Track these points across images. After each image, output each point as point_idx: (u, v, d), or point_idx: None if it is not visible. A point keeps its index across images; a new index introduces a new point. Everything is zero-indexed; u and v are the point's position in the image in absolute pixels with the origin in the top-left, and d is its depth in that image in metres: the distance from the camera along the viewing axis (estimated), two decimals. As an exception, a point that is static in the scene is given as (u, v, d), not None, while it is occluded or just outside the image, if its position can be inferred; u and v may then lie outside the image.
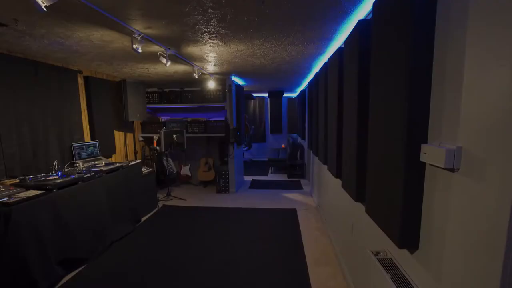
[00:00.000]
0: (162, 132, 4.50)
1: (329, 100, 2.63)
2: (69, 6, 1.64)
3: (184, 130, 4.88)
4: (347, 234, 2.39)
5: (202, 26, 2.05)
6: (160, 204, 4.50)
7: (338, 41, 2.48)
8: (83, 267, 2.68)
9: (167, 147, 4.56)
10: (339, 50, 2.20)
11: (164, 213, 4.19)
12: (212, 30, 2.13)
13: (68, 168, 3.20)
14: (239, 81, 5.17)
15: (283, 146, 8.82)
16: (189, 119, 5.27)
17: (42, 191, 2.40)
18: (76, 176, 2.77)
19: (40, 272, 2.26)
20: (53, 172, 2.89)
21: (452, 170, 0.92)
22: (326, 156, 2.88)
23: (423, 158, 1.04)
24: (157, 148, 4.80)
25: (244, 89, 6.05)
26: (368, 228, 1.74)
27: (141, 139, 5.30)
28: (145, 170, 4.12)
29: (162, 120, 5.39)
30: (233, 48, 2.71)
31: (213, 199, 4.84)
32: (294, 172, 6.65)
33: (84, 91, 3.77)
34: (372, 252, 1.45)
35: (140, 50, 2.13)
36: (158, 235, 3.41)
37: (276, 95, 7.35)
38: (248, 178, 6.32)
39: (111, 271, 2.63)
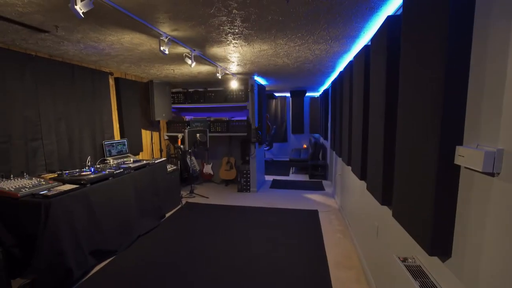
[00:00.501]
0: (186, 131, 4.62)
1: (354, 99, 2.56)
2: (103, 11, 1.74)
3: (207, 129, 4.98)
4: (371, 238, 2.31)
5: (227, 27, 2.08)
6: (184, 201, 4.63)
7: (364, 39, 2.40)
8: (112, 258, 2.84)
9: (191, 146, 4.69)
10: (366, 47, 2.13)
11: (187, 209, 4.31)
12: (236, 30, 2.15)
13: (99, 165, 3.40)
14: (261, 80, 5.18)
15: (305, 146, 8.71)
16: (212, 119, 5.38)
17: (77, 186, 2.57)
18: (107, 172, 2.94)
19: (75, 260, 2.42)
20: (87, 168, 3.09)
21: (491, 175, 0.85)
22: (350, 157, 2.81)
23: (458, 160, 0.98)
24: (181, 146, 4.95)
25: (266, 88, 6.06)
26: (395, 233, 1.67)
27: (166, 137, 5.49)
28: (170, 167, 4.26)
29: (186, 120, 5.54)
30: (256, 48, 2.72)
31: (235, 197, 4.89)
32: (316, 173, 6.54)
33: (114, 92, 3.98)
34: (399, 258, 1.39)
35: (167, 52, 2.21)
36: (181, 231, 3.51)
37: (298, 94, 7.27)
38: (269, 178, 6.31)
39: (138, 263, 2.75)
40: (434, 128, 1.03)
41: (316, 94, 8.39)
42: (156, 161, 3.82)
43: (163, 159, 4.12)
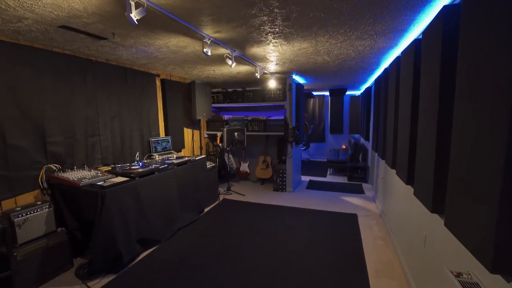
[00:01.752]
0: (225, 130, 4.76)
1: (400, 98, 2.39)
2: (153, 18, 1.87)
3: (245, 128, 5.06)
4: (417, 247, 2.14)
5: (267, 27, 2.09)
6: (221, 197, 4.79)
7: (414, 32, 2.22)
8: (156, 246, 3.05)
9: (229, 144, 4.82)
10: (416, 42, 1.97)
11: (224, 206, 4.44)
12: (277, 29, 2.16)
13: (146, 160, 3.67)
14: (299, 79, 5.11)
15: (344, 147, 8.38)
16: (249, 118, 5.46)
17: (127, 178, 2.81)
18: (153, 167, 3.16)
19: (124, 246, 2.65)
20: (135, 162, 3.36)
21: None
22: (395, 160, 2.63)
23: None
24: (220, 144, 5.11)
25: (304, 87, 5.95)
26: (447, 244, 1.52)
27: (206, 136, 5.72)
28: (209, 165, 4.44)
29: (225, 119, 5.70)
30: (296, 46, 2.69)
31: (270, 196, 4.91)
32: (355, 175, 6.26)
33: (160, 92, 4.26)
34: (452, 273, 1.27)
35: (209, 53, 2.30)
36: (218, 226, 3.63)
37: (338, 93, 7.01)
38: (306, 178, 6.21)
39: (178, 252, 2.92)
40: (503, 130, 0.92)
41: (357, 93, 8.01)
42: (196, 158, 4.01)
43: (203, 156, 4.30)
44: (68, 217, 2.69)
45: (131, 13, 1.53)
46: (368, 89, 5.59)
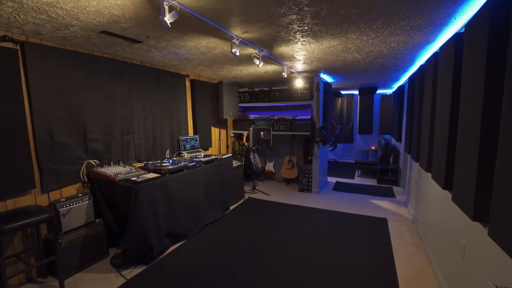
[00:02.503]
0: (251, 129, 4.80)
1: (438, 96, 2.24)
2: (185, 20, 1.93)
3: (271, 128, 5.06)
4: (455, 257, 1.99)
5: (296, 25, 2.07)
6: (246, 196, 4.83)
7: (455, 26, 2.07)
8: (183, 241, 3.16)
9: (255, 144, 4.85)
10: (457, 36, 1.83)
11: (249, 204, 4.48)
12: (305, 28, 2.13)
13: (176, 157, 3.82)
14: (327, 78, 4.99)
15: (373, 148, 8.05)
16: (275, 117, 5.44)
17: (159, 175, 2.94)
18: (182, 164, 3.28)
19: (155, 239, 2.79)
20: (166, 159, 3.51)
21: None
22: (430, 163, 2.47)
23: None
24: (246, 144, 5.16)
25: (332, 86, 5.81)
26: (490, 255, 1.40)
27: (232, 135, 5.81)
28: (235, 163, 4.50)
29: (251, 118, 5.75)
30: (325, 44, 2.63)
31: (295, 197, 4.86)
32: (385, 178, 5.99)
33: (189, 92, 4.40)
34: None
35: (237, 54, 2.33)
36: (243, 224, 3.67)
37: (367, 92, 6.74)
38: (332, 180, 6.06)
39: (205, 248, 3.00)
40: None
41: (389, 91, 7.64)
42: (223, 157, 4.09)
43: (229, 155, 4.37)
44: (105, 209, 2.88)
45: (165, 17, 1.60)
46: (401, 88, 5.31)
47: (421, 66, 3.14)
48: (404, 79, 4.97)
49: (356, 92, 7.79)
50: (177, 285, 2.38)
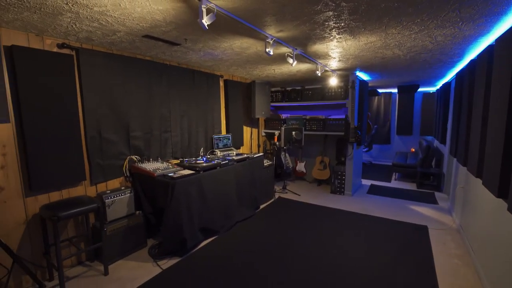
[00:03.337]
0: (283, 128, 4.78)
1: (493, 95, 2.03)
2: (220, 22, 1.99)
3: (303, 128, 4.99)
4: (511, 273, 1.79)
5: (332, 22, 2.02)
6: (276, 195, 4.83)
7: (515, 15, 1.86)
8: (215, 237, 3.25)
9: (286, 143, 4.82)
10: (518, 26, 1.64)
11: (279, 204, 4.47)
12: (342, 24, 2.06)
13: (209, 155, 3.94)
14: (363, 76, 4.78)
15: (413, 150, 7.54)
16: (308, 117, 5.35)
17: (193, 171, 3.06)
18: (215, 162, 3.38)
19: (189, 233, 2.91)
20: (200, 157, 3.64)
21: None
22: (481, 167, 2.25)
23: None
24: (277, 143, 5.15)
25: (369, 84, 5.55)
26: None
27: (263, 134, 5.83)
28: (265, 162, 4.52)
29: (283, 118, 5.72)
30: (362, 41, 2.52)
31: (327, 198, 4.74)
32: (427, 182, 5.58)
33: (223, 92, 4.51)
34: None
35: (271, 53, 2.34)
36: (273, 224, 3.68)
37: (408, 90, 6.32)
38: (366, 182, 5.79)
39: (235, 245, 3.06)
40: None
41: (432, 89, 7.09)
42: (254, 156, 4.12)
43: (261, 154, 4.40)
44: (144, 202, 3.07)
45: (203, 19, 1.66)
46: (446, 85, 4.90)
47: (472, 61, 2.87)
48: (450, 75, 4.58)
49: (394, 90, 7.35)
50: (208, 278, 2.47)
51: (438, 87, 6.25)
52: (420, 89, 6.81)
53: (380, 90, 7.55)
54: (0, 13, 1.83)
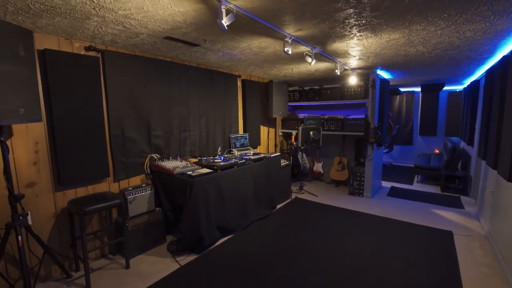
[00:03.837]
0: (300, 128, 4.74)
1: (528, 93, 1.90)
2: (239, 22, 2.00)
3: (321, 127, 4.92)
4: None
5: (353, 20, 1.97)
6: (293, 195, 4.79)
7: (554, 8, 1.73)
8: (231, 235, 3.28)
9: (304, 143, 4.77)
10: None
11: (296, 204, 4.43)
12: (363, 21, 2.01)
13: (227, 154, 3.98)
14: (384, 74, 4.64)
15: (437, 151, 7.21)
16: (326, 117, 5.27)
17: (211, 170, 3.11)
18: (233, 161, 3.41)
19: (206, 231, 2.96)
20: (217, 156, 3.69)
21: None
22: (514, 170, 2.11)
23: None
24: (294, 143, 5.12)
25: (390, 83, 5.37)
26: None
27: (280, 134, 5.81)
28: (282, 162, 4.50)
29: (300, 117, 5.66)
30: (384, 38, 2.45)
31: (345, 200, 4.64)
32: (452, 186, 5.32)
33: (241, 92, 4.54)
34: None
35: (290, 52, 2.32)
36: (290, 224, 3.65)
37: (432, 88, 6.04)
38: (387, 184, 5.61)
39: (251, 244, 3.08)
40: None
41: (459, 88, 6.74)
42: (271, 155, 4.12)
43: (278, 154, 4.39)
44: (163, 199, 3.16)
45: (222, 20, 1.68)
46: (474, 83, 4.64)
47: (505, 57, 2.70)
48: (479, 73, 4.33)
49: (417, 89, 7.06)
50: (224, 277, 2.49)
51: (465, 85, 5.94)
52: (445, 88, 6.50)
53: (402, 89, 7.29)
54: (34, 19, 1.95)
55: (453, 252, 2.92)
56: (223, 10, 1.67)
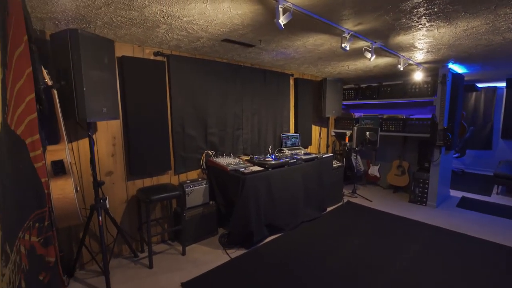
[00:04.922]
0: (355, 128, 4.48)
1: None
2: (295, 19, 1.98)
3: (378, 128, 4.58)
4: None
5: (422, 9, 1.79)
6: (345, 199, 4.57)
7: None
8: (279, 234, 3.29)
9: (359, 144, 4.51)
10: None
11: (348, 208, 4.22)
12: (435, 10, 1.80)
13: (277, 153, 4.00)
14: (457, 68, 4.08)
15: (526, 158, 6.05)
16: (384, 116, 4.88)
17: (262, 168, 3.16)
18: (283, 160, 3.41)
19: (256, 227, 3.02)
20: (268, 155, 3.73)
21: None
22: None
23: None
24: (348, 144, 4.87)
25: (464, 78, 4.70)
26: None
27: (333, 134, 5.59)
28: (335, 164, 4.32)
29: (355, 117, 5.36)
30: (461, 27, 2.15)
31: (404, 208, 4.24)
32: (547, 200, 4.40)
33: (293, 91, 4.51)
34: None
35: (348, 48, 2.22)
36: (340, 228, 3.49)
37: (521, 84, 5.10)
38: (456, 194, 4.94)
39: (299, 245, 3.03)
40: None
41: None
42: (323, 156, 3.99)
43: (330, 154, 4.23)
44: (217, 193, 3.33)
45: (279, 19, 1.69)
46: None
47: None
48: None
49: (500, 84, 6.04)
50: (271, 273, 2.51)
51: None
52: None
53: (480, 85, 6.31)
54: (116, 31, 2.25)
55: (547, 280, 2.42)
56: (280, 9, 1.68)
